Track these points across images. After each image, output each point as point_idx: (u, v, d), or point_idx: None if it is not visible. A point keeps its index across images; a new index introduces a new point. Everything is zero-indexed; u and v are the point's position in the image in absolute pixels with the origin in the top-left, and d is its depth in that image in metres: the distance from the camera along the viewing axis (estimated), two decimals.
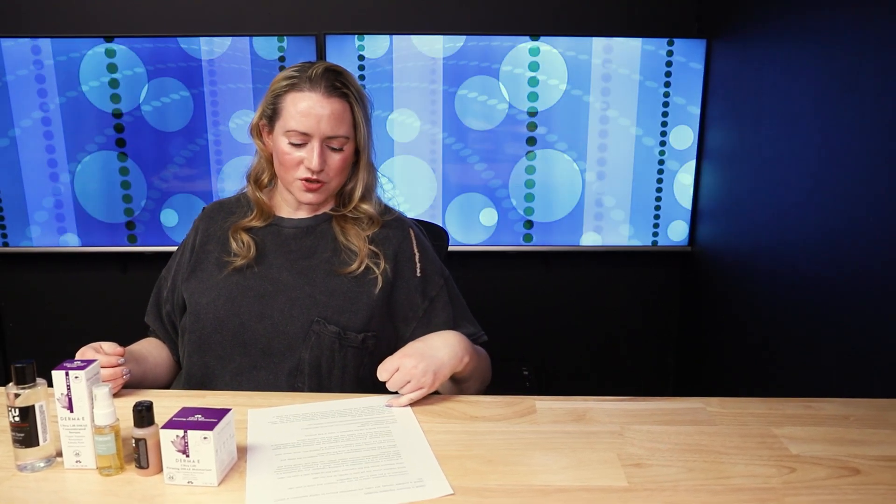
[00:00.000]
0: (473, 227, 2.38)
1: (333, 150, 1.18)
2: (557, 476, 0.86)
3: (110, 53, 2.22)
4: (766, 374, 1.84)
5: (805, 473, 0.86)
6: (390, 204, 1.35)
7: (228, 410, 0.87)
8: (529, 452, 0.92)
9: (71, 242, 2.37)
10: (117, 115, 2.27)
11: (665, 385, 2.59)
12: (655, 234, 2.39)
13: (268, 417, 1.02)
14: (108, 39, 2.21)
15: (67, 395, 0.85)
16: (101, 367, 1.04)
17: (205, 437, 0.81)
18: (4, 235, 2.37)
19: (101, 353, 1.07)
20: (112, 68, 2.23)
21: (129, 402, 0.86)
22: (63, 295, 2.50)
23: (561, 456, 0.91)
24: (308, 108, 1.15)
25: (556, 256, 2.46)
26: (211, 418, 0.84)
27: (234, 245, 1.22)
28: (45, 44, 2.20)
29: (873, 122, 1.41)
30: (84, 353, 1.06)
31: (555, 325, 2.53)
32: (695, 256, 2.38)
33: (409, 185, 2.34)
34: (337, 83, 1.17)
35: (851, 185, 1.49)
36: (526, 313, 2.52)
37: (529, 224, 2.37)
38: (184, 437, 0.81)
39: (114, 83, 2.24)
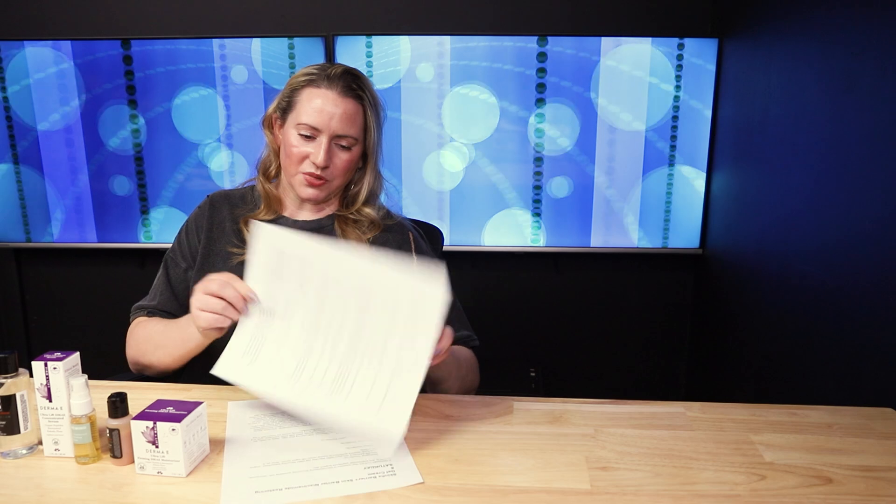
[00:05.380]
0: (482, 228, 2.38)
1: (341, 148, 1.19)
2: (520, 477, 0.86)
3: (127, 56, 2.28)
4: (779, 380, 1.79)
5: (775, 481, 0.85)
6: (394, 209, 1.35)
7: (200, 403, 0.89)
8: (497, 453, 0.92)
9: (90, 238, 2.45)
10: (133, 115, 2.33)
11: (677, 389, 2.55)
12: (666, 237, 2.35)
13: (247, 410, 1.04)
14: (125, 42, 2.27)
15: (46, 385, 0.88)
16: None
17: (173, 429, 0.84)
18: (27, 231, 2.45)
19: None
20: (128, 70, 2.29)
21: (107, 393, 0.89)
22: (84, 289, 2.59)
23: (528, 457, 0.91)
24: (322, 105, 1.16)
25: (565, 258, 2.45)
26: (181, 411, 0.86)
27: (246, 235, 1.22)
28: (66, 46, 2.27)
29: (887, 124, 1.36)
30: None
31: (564, 326, 2.52)
32: (706, 259, 2.34)
33: (414, 185, 2.35)
34: (354, 85, 1.19)
35: (864, 188, 1.44)
36: (534, 314, 2.51)
37: (538, 225, 2.36)
38: (153, 428, 0.84)
39: (130, 84, 2.30)
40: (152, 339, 1.19)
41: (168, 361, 1.16)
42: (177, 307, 1.27)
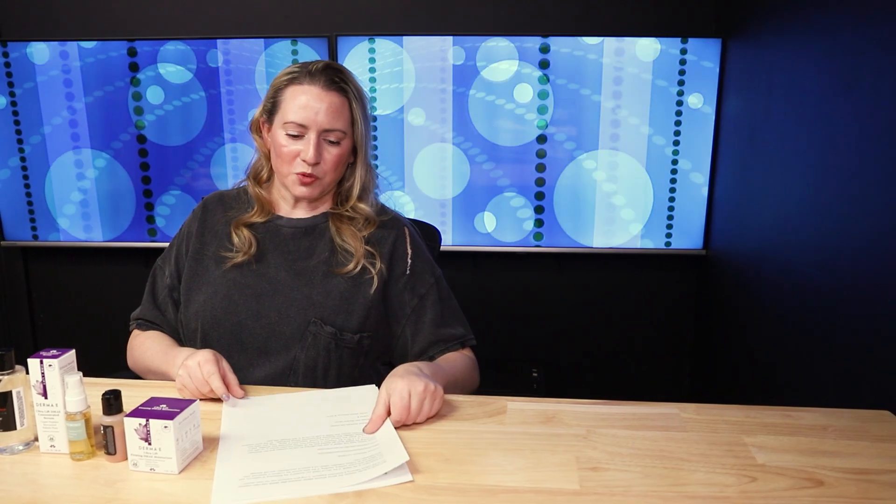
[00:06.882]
0: (484, 228, 2.38)
1: (330, 143, 1.19)
2: (510, 477, 0.86)
3: (132, 56, 2.30)
4: (782, 381, 1.78)
5: (765, 483, 0.84)
6: (388, 204, 1.36)
7: (193, 401, 0.90)
8: (488, 452, 0.92)
9: (96, 237, 2.47)
10: (139, 115, 2.35)
11: (680, 390, 2.54)
12: (669, 237, 2.34)
13: (242, 408, 1.05)
14: (130, 42, 2.29)
15: (42, 382, 0.89)
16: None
17: (165, 427, 0.84)
18: (34, 230, 2.48)
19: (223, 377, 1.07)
20: (133, 70, 2.31)
21: (102, 390, 0.90)
22: (89, 287, 2.61)
23: (519, 457, 0.91)
24: (307, 101, 1.17)
25: (567, 258, 2.44)
26: (174, 408, 0.87)
27: (236, 240, 1.23)
28: (72, 47, 2.30)
29: (890, 124, 1.35)
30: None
31: (566, 326, 2.51)
32: (710, 260, 2.33)
33: (417, 185, 2.35)
34: (336, 78, 1.19)
35: (866, 189, 1.43)
36: (537, 314, 2.51)
37: (540, 224, 2.36)
38: (146, 425, 0.85)
39: (135, 85, 2.32)
40: (144, 361, 1.22)
41: (162, 379, 1.19)
42: (157, 316, 1.27)
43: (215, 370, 1.04)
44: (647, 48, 2.20)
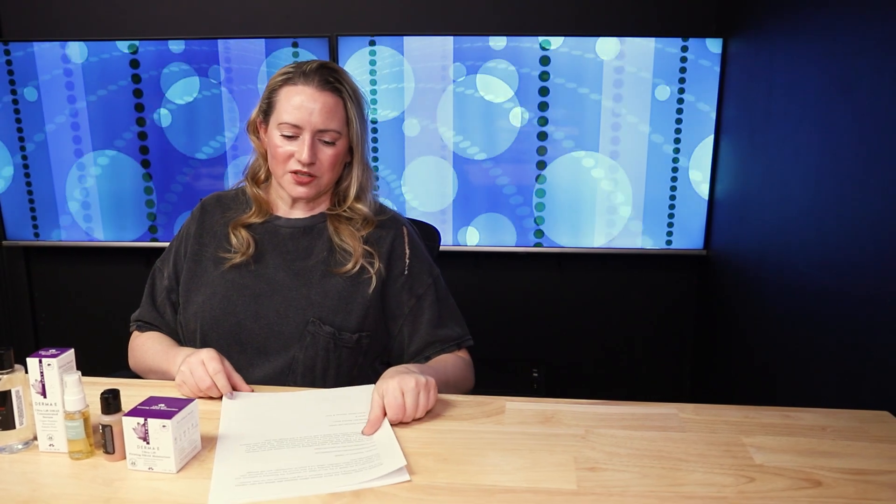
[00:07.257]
0: (485, 228, 2.38)
1: (325, 143, 1.19)
2: (508, 477, 0.86)
3: (133, 56, 2.30)
4: (783, 382, 1.78)
5: (763, 484, 0.84)
6: (386, 203, 1.36)
7: (192, 401, 0.90)
8: (486, 452, 0.92)
9: (97, 237, 2.48)
10: (140, 115, 2.35)
11: (681, 391, 2.54)
12: (669, 237, 2.34)
13: (241, 406, 1.05)
14: (132, 42, 2.30)
15: (41, 381, 0.89)
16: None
17: (163, 426, 0.84)
18: (36, 229, 2.48)
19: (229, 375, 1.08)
20: (135, 70, 2.32)
21: (101, 389, 0.90)
22: (91, 287, 2.61)
23: (517, 457, 0.91)
24: (300, 101, 1.17)
25: (568, 258, 2.44)
26: (173, 408, 0.87)
27: (234, 241, 1.23)
28: (74, 47, 2.30)
29: (891, 124, 1.35)
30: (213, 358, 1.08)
31: (566, 326, 2.51)
32: (711, 261, 2.33)
33: (418, 186, 2.35)
34: (330, 78, 1.19)
35: (867, 190, 1.43)
36: (537, 315, 2.51)
37: (540, 223, 2.36)
38: (144, 424, 0.85)
39: (137, 84, 2.33)
40: (146, 361, 1.23)
41: (162, 379, 1.19)
42: (156, 317, 1.28)
43: (221, 368, 1.06)
44: (648, 48, 2.19)
